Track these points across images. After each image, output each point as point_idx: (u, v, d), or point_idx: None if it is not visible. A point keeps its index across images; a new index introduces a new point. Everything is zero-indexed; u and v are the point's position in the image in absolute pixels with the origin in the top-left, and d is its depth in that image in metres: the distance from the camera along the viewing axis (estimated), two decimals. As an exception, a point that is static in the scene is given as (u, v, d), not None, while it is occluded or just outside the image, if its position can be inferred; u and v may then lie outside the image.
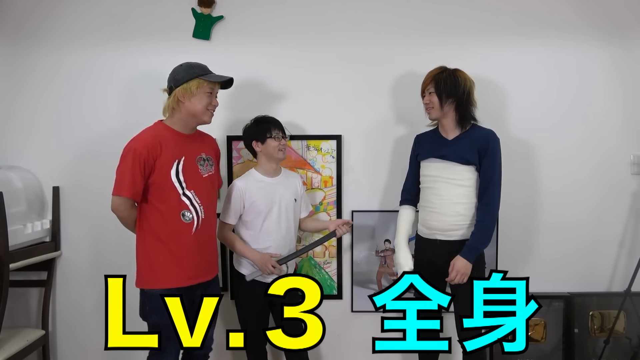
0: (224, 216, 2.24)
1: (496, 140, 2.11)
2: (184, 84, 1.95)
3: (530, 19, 2.52)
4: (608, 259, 2.62)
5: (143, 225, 1.97)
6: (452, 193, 2.10)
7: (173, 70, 2.01)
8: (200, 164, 2.04)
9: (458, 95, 2.08)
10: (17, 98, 2.57)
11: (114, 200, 1.93)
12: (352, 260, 2.60)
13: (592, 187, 2.58)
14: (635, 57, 2.54)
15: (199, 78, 1.96)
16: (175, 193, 1.95)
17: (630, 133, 2.57)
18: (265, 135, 2.20)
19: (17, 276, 2.44)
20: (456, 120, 2.12)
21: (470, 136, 2.11)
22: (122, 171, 1.90)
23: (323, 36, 2.54)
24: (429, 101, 2.13)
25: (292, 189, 2.30)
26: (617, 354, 2.54)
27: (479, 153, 2.08)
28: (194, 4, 2.51)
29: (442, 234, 2.13)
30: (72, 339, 2.65)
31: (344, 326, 2.64)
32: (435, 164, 2.15)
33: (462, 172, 2.09)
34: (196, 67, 2.00)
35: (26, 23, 2.54)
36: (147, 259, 1.97)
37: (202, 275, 2.05)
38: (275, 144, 2.20)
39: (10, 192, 2.30)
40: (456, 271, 2.06)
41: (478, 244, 2.08)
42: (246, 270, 2.24)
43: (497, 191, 2.09)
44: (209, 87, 1.99)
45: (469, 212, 2.10)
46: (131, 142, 1.93)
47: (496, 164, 2.09)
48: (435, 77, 2.10)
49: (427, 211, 2.17)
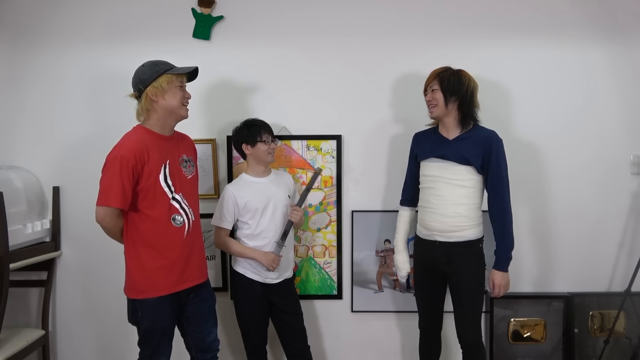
0: (218, 222, 2.24)
1: (499, 141, 2.09)
2: (152, 82, 1.89)
3: (529, 19, 2.52)
4: (608, 259, 2.62)
5: (132, 234, 1.92)
6: (453, 193, 2.08)
7: (136, 72, 1.94)
8: (183, 166, 2.02)
9: (461, 93, 2.06)
10: (17, 98, 2.57)
11: (100, 211, 1.85)
12: (352, 260, 2.60)
13: (592, 187, 2.58)
14: (635, 57, 2.54)
15: (167, 73, 1.91)
16: (165, 198, 1.91)
17: (630, 133, 2.56)
18: (256, 138, 2.22)
19: (17, 276, 2.44)
20: (458, 120, 2.10)
21: (473, 136, 2.09)
22: (108, 180, 1.82)
23: (323, 36, 2.53)
24: (432, 98, 2.11)
25: (284, 186, 2.32)
26: (617, 354, 2.54)
27: (483, 155, 2.06)
28: (194, 4, 2.51)
29: (441, 235, 2.11)
30: (72, 339, 2.66)
31: (344, 326, 2.64)
32: (435, 164, 2.13)
33: (463, 172, 2.07)
34: (160, 64, 1.93)
35: (26, 23, 2.54)
36: (140, 269, 1.92)
37: (196, 277, 2.03)
38: (265, 147, 2.22)
39: (10, 192, 2.30)
40: (498, 287, 2.09)
41: (507, 252, 2.08)
42: (244, 269, 2.25)
43: (507, 193, 2.08)
44: (179, 81, 1.94)
45: (470, 214, 2.08)
46: (115, 150, 1.86)
47: (502, 166, 2.07)
48: (439, 74, 2.09)
49: (427, 212, 2.15)
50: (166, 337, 1.99)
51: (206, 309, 2.09)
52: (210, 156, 2.55)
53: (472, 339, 2.13)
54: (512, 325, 2.57)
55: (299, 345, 2.33)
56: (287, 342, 2.34)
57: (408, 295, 2.59)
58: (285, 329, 2.32)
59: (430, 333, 2.27)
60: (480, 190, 2.13)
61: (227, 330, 2.59)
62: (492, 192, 2.08)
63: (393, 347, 2.65)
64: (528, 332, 2.57)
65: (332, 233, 2.59)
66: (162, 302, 1.93)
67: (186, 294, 2.01)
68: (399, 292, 2.60)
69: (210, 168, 2.56)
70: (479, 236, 2.12)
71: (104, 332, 2.65)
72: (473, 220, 2.09)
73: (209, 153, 2.55)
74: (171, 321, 2.00)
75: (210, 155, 2.55)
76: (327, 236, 2.59)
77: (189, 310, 2.05)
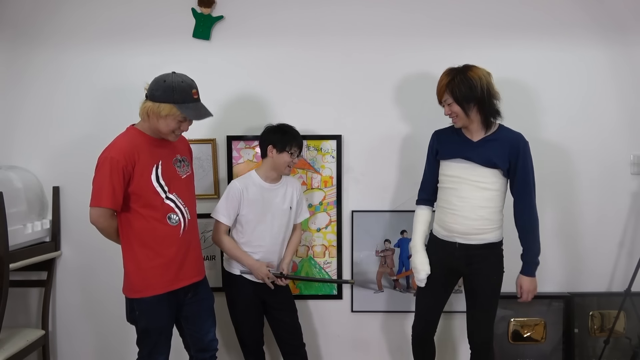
0: (219, 215, 2.20)
1: (526, 143, 2.02)
2: (157, 103, 1.85)
3: (529, 19, 2.52)
4: (608, 259, 2.62)
5: (128, 234, 1.92)
6: (476, 196, 2.01)
7: (156, 80, 1.89)
8: (177, 166, 2.02)
9: (477, 96, 1.96)
10: (17, 98, 2.57)
11: (93, 212, 1.86)
12: (352, 260, 2.60)
13: (592, 187, 2.58)
14: (635, 57, 2.54)
15: (174, 105, 1.85)
16: (158, 198, 1.91)
17: (631, 133, 2.56)
18: (285, 147, 2.19)
19: (17, 276, 2.44)
20: (481, 122, 2.02)
21: (499, 139, 2.01)
22: (100, 181, 1.83)
23: (323, 36, 2.53)
24: (451, 112, 2.02)
25: (289, 197, 2.28)
26: (617, 354, 2.54)
27: (510, 159, 1.99)
28: (194, 4, 2.51)
29: (462, 237, 2.05)
30: (72, 339, 2.66)
31: (344, 326, 2.64)
32: (458, 164, 2.05)
33: (488, 175, 2.01)
34: (178, 92, 1.85)
35: (26, 23, 2.54)
36: (137, 268, 1.92)
37: (193, 275, 2.04)
38: (288, 159, 2.20)
39: (10, 192, 2.30)
40: (527, 292, 2.07)
41: (534, 257, 2.05)
42: (234, 268, 2.24)
43: (534, 198, 2.03)
44: (182, 117, 1.89)
45: (493, 217, 2.04)
46: (106, 151, 1.87)
47: (530, 170, 2.01)
48: (448, 85, 1.98)
49: (447, 213, 2.08)
50: (164, 336, 2.00)
51: (204, 309, 2.10)
52: (210, 156, 2.55)
53: (482, 339, 2.10)
54: (512, 325, 2.57)
55: (294, 343, 2.33)
56: (282, 340, 2.34)
57: (408, 295, 2.59)
58: (279, 326, 2.32)
59: (424, 337, 2.23)
60: (503, 193, 2.07)
61: (226, 330, 2.59)
62: (519, 197, 2.03)
63: (393, 347, 2.65)
64: (528, 332, 2.57)
65: (332, 233, 2.59)
66: (159, 301, 1.93)
67: (184, 293, 2.01)
68: (399, 292, 2.60)
69: (210, 168, 2.56)
70: (499, 239, 2.09)
71: (104, 332, 2.65)
72: (495, 223, 2.05)
73: (209, 153, 2.55)
74: (168, 320, 2.00)
75: (210, 155, 2.55)
76: (327, 236, 2.59)
77: (187, 310, 2.05)
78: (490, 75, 2.02)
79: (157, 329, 1.97)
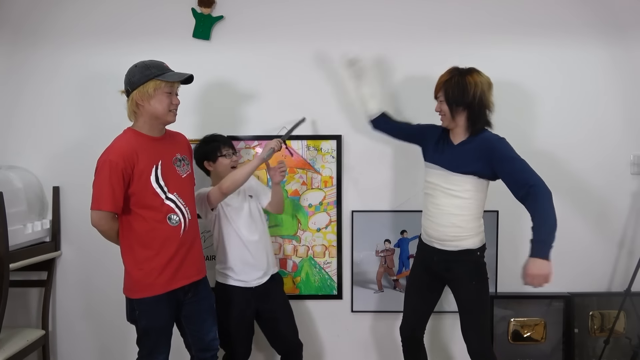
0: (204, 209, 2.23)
1: (500, 140, 1.97)
2: (140, 86, 1.87)
3: (529, 19, 2.52)
4: (608, 259, 2.62)
5: (129, 236, 1.93)
6: (448, 203, 2.01)
7: (128, 71, 1.91)
8: (177, 165, 2.01)
9: (467, 102, 1.95)
10: (17, 98, 2.57)
11: (94, 215, 1.87)
12: (352, 260, 2.60)
13: (592, 187, 2.58)
14: (635, 56, 2.54)
15: (156, 79, 1.88)
16: (158, 199, 1.91)
17: (630, 133, 2.56)
18: (216, 154, 2.22)
19: (17, 276, 2.44)
20: (466, 128, 2.01)
21: (474, 142, 1.99)
22: (99, 185, 1.84)
23: (323, 36, 2.53)
24: (440, 109, 2.03)
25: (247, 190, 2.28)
26: (617, 354, 2.54)
27: (486, 160, 1.94)
28: (194, 4, 2.51)
29: (438, 243, 2.08)
30: (72, 339, 2.66)
31: (344, 326, 2.64)
32: (434, 171, 2.07)
33: (460, 182, 1.99)
34: (152, 67, 1.89)
35: (26, 23, 2.54)
36: (137, 268, 1.92)
37: (193, 274, 2.04)
38: (227, 162, 2.23)
39: (10, 192, 2.30)
40: (530, 276, 1.82)
41: (545, 235, 1.85)
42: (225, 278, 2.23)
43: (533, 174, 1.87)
44: (168, 87, 1.90)
45: (467, 225, 2.01)
46: (105, 154, 1.87)
47: (514, 158, 1.91)
48: (445, 83, 1.99)
49: (426, 218, 2.13)
50: (164, 336, 2.00)
51: (205, 308, 2.09)
52: (210, 156, 2.55)
53: (477, 347, 2.08)
54: (512, 325, 2.57)
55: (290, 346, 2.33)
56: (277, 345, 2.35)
57: (408, 295, 2.59)
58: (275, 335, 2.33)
59: (411, 337, 2.23)
60: (479, 201, 2.03)
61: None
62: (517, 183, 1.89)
63: (393, 347, 2.65)
64: (528, 332, 2.57)
65: (332, 233, 2.59)
66: (159, 301, 1.93)
67: (184, 293, 2.01)
68: (399, 292, 2.60)
69: (210, 168, 2.55)
70: (477, 246, 2.05)
71: (104, 332, 2.65)
72: (469, 231, 2.02)
73: (209, 153, 2.55)
74: (169, 320, 2.00)
75: (210, 155, 2.55)
76: (327, 236, 2.59)
77: (188, 309, 2.05)
78: (490, 85, 2.00)
79: (157, 329, 1.97)
